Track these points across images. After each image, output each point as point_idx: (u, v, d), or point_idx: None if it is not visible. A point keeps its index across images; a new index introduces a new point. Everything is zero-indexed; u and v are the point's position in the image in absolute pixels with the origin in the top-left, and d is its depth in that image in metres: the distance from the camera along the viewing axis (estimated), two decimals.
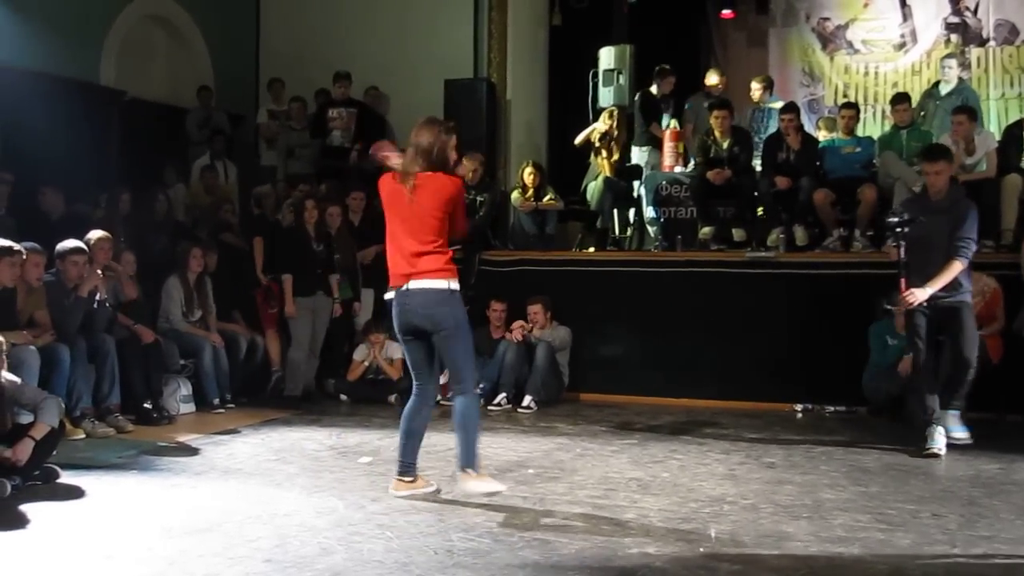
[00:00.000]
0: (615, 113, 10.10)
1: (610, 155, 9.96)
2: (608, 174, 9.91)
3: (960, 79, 10.08)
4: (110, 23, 10.33)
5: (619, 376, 8.94)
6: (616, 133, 10.02)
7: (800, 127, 9.36)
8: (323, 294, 8.64)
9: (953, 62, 10.04)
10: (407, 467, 5.11)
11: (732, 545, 4.31)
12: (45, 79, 9.11)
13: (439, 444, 5.93)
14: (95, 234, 7.40)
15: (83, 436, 6.68)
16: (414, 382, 5.19)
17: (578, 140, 10.18)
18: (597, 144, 10.01)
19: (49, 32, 9.31)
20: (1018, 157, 8.49)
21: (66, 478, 5.34)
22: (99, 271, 7.17)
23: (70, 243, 7.04)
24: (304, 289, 8.51)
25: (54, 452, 5.36)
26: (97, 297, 7.13)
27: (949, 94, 9.69)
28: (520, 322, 8.72)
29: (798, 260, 8.77)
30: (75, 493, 5.14)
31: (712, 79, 10.85)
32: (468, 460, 4.90)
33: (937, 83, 10.07)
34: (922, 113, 9.31)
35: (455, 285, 4.93)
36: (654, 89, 10.42)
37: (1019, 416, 7.53)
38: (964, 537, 4.46)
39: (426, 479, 5.20)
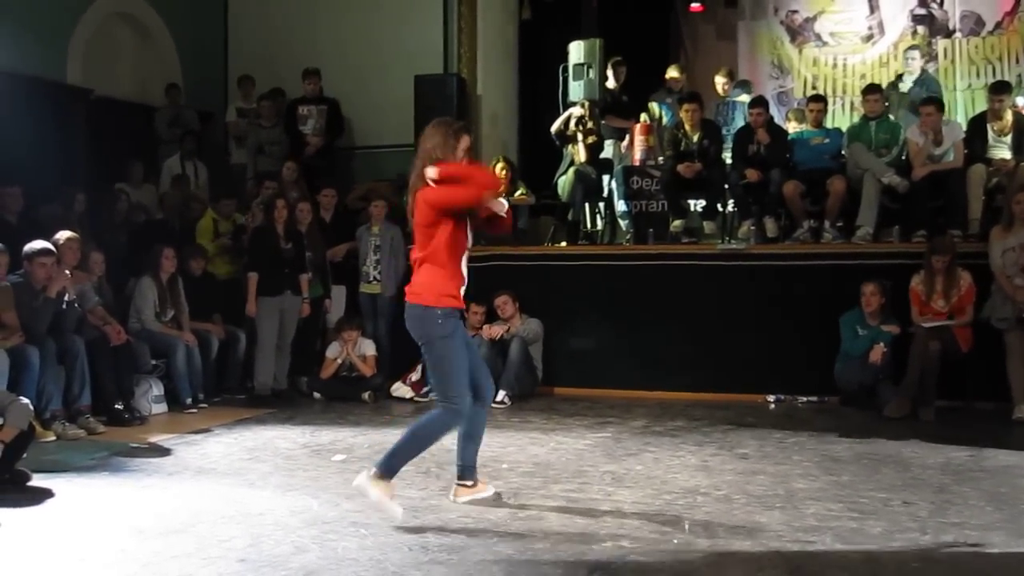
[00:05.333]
0: (587, 105, 10.09)
1: (586, 137, 9.95)
2: (584, 160, 9.90)
3: (923, 70, 10.18)
4: (76, 21, 10.22)
5: (593, 370, 8.95)
6: (590, 124, 10.03)
7: (769, 120, 9.41)
8: (291, 293, 8.59)
9: (916, 53, 10.17)
10: (465, 470, 4.97)
11: (706, 536, 4.33)
12: (10, 78, 9.01)
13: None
14: (63, 235, 7.33)
15: (54, 438, 6.63)
16: None
17: (554, 127, 10.18)
18: (573, 128, 10.00)
19: (14, 30, 9.19)
20: (983, 148, 8.58)
21: (37, 481, 5.29)
22: (67, 271, 7.11)
23: (38, 244, 6.96)
24: (272, 288, 8.46)
25: (24, 455, 5.31)
26: (66, 298, 7.07)
27: (912, 84, 9.79)
28: (497, 328, 8.71)
29: (768, 252, 8.81)
30: (46, 496, 5.10)
31: (672, 73, 10.91)
32: (388, 465, 4.65)
33: (901, 75, 10.17)
34: (886, 103, 9.39)
35: (438, 301, 4.60)
36: (610, 83, 10.44)
37: (987, 403, 7.61)
38: (935, 524, 4.51)
39: (486, 482, 5.09)
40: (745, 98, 10.36)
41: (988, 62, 11.86)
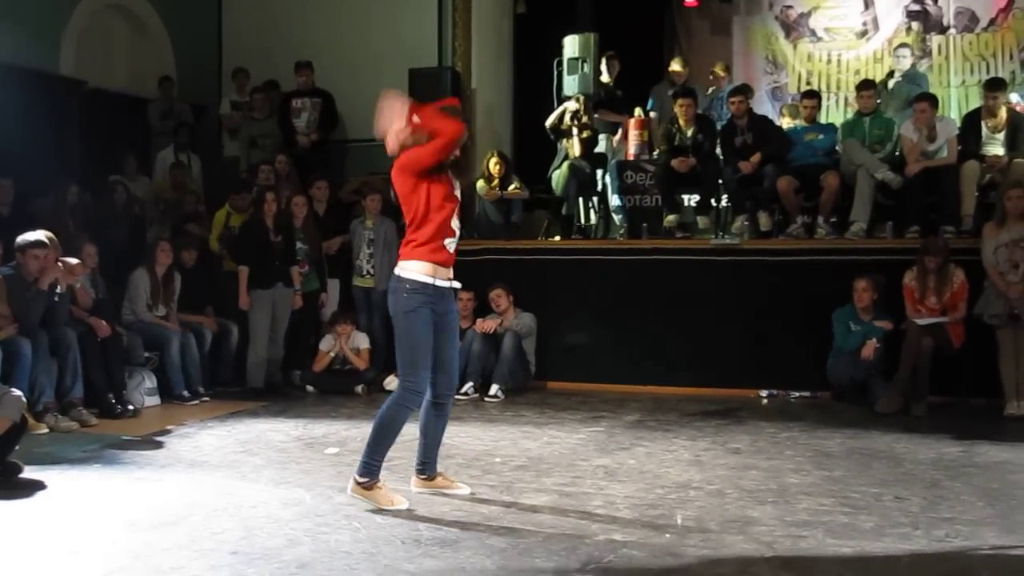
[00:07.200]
0: (582, 99, 10.09)
1: (580, 132, 9.95)
2: (578, 154, 9.91)
3: (913, 66, 10.22)
4: (70, 12, 10.20)
5: (586, 364, 8.97)
6: (585, 119, 10.04)
7: (749, 108, 9.39)
8: (283, 285, 8.58)
9: (906, 51, 10.19)
10: (422, 465, 4.97)
11: (698, 530, 4.34)
12: (3, 69, 8.98)
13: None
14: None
15: (46, 430, 6.63)
16: None
17: (548, 121, 10.18)
18: (568, 123, 10.01)
19: (7, 21, 9.16)
20: (977, 144, 8.59)
21: (29, 473, 5.26)
22: (59, 263, 7.08)
23: (30, 236, 6.93)
24: (263, 281, 8.45)
25: (16, 447, 5.30)
26: (58, 290, 7.05)
27: (900, 80, 9.83)
28: (491, 322, 8.70)
29: (762, 247, 8.82)
30: (38, 488, 5.08)
31: (675, 66, 10.92)
32: (366, 468, 4.65)
33: (892, 72, 10.20)
34: (878, 100, 9.40)
35: (408, 273, 4.58)
36: (604, 77, 10.44)
37: (980, 399, 7.64)
38: (926, 519, 4.52)
39: (451, 479, 5.07)
40: None
41: (982, 58, 11.88)
